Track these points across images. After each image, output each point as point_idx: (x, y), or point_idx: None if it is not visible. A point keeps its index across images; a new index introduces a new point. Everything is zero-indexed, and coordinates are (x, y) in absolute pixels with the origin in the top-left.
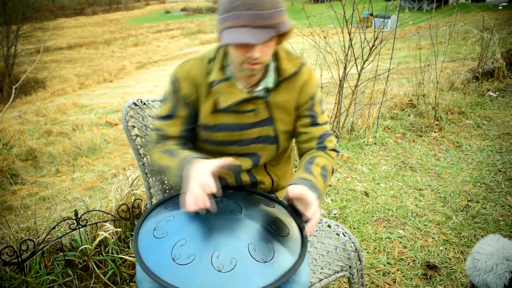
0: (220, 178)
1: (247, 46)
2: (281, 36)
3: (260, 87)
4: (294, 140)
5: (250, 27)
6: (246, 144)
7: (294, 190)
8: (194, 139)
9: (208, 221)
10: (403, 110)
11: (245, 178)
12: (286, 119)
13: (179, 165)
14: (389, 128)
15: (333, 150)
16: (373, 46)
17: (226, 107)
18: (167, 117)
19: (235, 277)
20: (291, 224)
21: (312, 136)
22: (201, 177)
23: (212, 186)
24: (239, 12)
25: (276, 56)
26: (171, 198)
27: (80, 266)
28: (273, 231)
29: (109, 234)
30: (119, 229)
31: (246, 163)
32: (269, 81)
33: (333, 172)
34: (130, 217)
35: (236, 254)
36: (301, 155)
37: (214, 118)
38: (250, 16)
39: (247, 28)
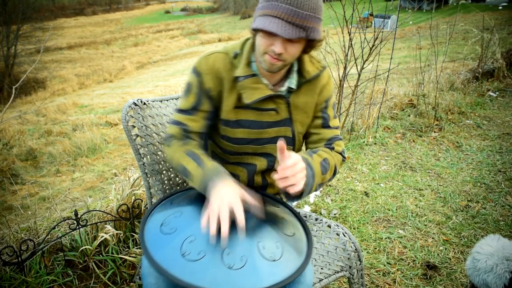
0: (233, 175)
1: (273, 39)
2: (310, 44)
3: (285, 87)
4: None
5: (283, 21)
6: (263, 143)
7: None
8: (213, 136)
9: None
10: (403, 110)
11: (258, 179)
12: (305, 120)
13: (203, 175)
14: (389, 128)
15: (340, 153)
16: (373, 46)
17: (250, 103)
18: (190, 110)
19: (246, 274)
20: (297, 225)
21: (321, 138)
22: (232, 200)
23: (241, 215)
24: (278, 4)
25: (299, 58)
26: (176, 194)
27: (80, 266)
28: (280, 230)
29: (109, 236)
30: (120, 232)
31: (262, 163)
32: (293, 82)
33: (335, 172)
34: (130, 217)
35: (246, 252)
36: None
37: (235, 113)
38: (287, 10)
39: (280, 20)
